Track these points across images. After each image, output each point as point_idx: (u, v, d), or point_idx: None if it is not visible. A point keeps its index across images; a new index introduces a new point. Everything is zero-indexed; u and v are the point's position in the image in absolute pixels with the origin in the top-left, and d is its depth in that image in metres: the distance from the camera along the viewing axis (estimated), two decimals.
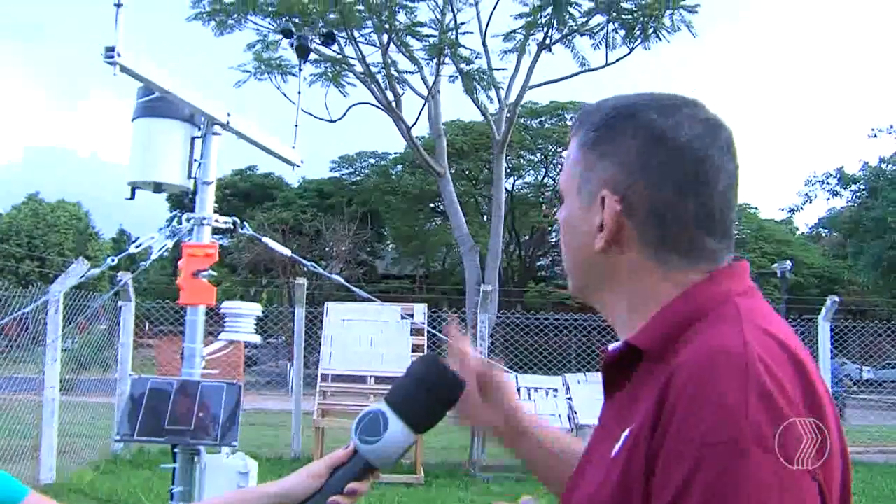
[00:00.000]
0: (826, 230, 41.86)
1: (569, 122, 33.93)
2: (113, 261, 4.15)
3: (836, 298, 12.29)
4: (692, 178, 1.12)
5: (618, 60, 23.56)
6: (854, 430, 14.71)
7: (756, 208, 43.53)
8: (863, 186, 32.96)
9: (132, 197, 3.91)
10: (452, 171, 28.77)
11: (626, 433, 1.05)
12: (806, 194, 34.07)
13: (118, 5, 2.91)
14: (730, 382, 0.94)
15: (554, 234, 38.03)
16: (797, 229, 44.33)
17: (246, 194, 41.84)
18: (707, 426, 0.93)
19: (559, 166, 31.83)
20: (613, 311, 1.21)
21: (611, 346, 1.22)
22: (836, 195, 34.02)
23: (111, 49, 2.90)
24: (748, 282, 1.15)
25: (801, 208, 34.74)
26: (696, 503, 0.91)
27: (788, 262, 31.48)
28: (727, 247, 1.16)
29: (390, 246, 44.98)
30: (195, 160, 3.88)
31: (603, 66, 23.85)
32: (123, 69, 2.96)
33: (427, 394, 1.35)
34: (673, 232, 1.12)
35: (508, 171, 35.83)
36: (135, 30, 2.98)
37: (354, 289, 6.11)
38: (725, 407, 0.93)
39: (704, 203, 1.12)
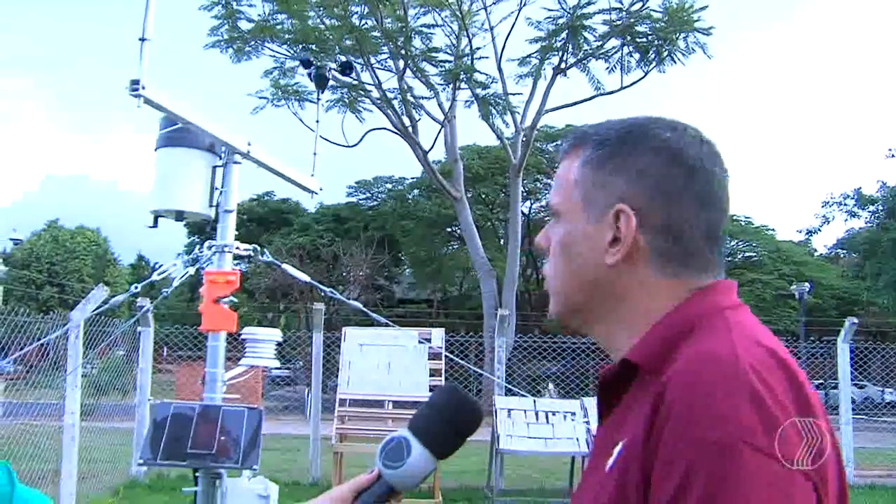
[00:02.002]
0: (844, 251, 41.63)
1: None
2: (136, 288, 4.22)
3: (855, 320, 12.22)
4: (704, 195, 1.18)
5: (633, 84, 23.64)
6: (877, 452, 14.57)
7: (773, 230, 43.37)
8: (881, 207, 32.83)
9: (155, 225, 3.98)
10: (469, 195, 28.84)
11: (618, 447, 1.09)
12: (823, 216, 34.00)
13: (143, 39, 2.99)
14: (720, 388, 0.97)
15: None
16: (815, 251, 44.08)
17: (263, 220, 42.05)
18: (699, 431, 0.96)
19: None
20: (612, 329, 1.23)
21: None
22: (853, 216, 33.92)
23: (136, 82, 2.98)
24: (736, 298, 1.19)
25: (819, 230, 34.66)
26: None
27: (807, 284, 31.36)
28: (722, 259, 1.21)
29: (407, 270, 44.99)
30: (216, 188, 3.95)
31: (618, 90, 23.94)
32: (147, 101, 3.03)
33: (447, 422, 1.41)
34: (684, 247, 1.17)
35: (525, 194, 35.86)
36: (155, 58, 3.06)
37: (372, 314, 6.16)
38: (717, 411, 0.96)
39: (712, 219, 1.18)
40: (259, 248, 4.17)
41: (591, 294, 1.23)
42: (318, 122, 4.99)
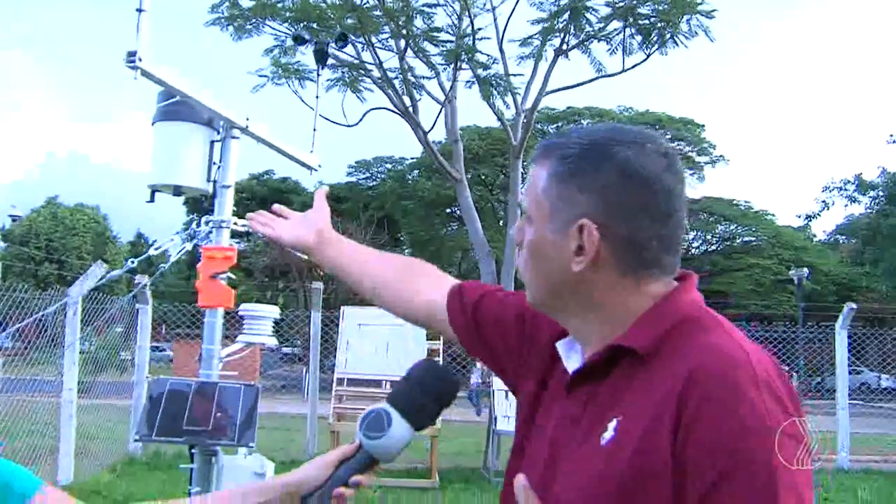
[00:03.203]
0: (844, 237, 41.72)
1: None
2: (133, 263, 4.18)
3: (854, 305, 12.21)
4: (661, 208, 1.26)
5: (634, 66, 23.52)
6: (873, 438, 14.61)
7: (773, 215, 43.42)
8: (881, 193, 32.81)
9: (152, 200, 3.94)
10: (469, 176, 28.77)
11: (613, 423, 1.19)
12: (823, 201, 33.96)
13: (140, 10, 2.95)
14: (748, 384, 1.10)
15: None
16: (814, 236, 44.18)
17: (263, 199, 41.90)
18: (739, 419, 1.08)
19: None
20: (580, 323, 1.34)
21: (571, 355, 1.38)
22: (854, 202, 33.90)
23: (132, 54, 2.93)
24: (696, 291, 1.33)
25: (819, 215, 34.62)
26: (739, 486, 1.06)
27: (806, 270, 31.41)
28: (678, 260, 1.32)
29: (406, 251, 45.04)
30: (214, 163, 3.91)
31: (620, 72, 23.84)
32: (144, 73, 2.99)
33: (426, 394, 1.48)
34: (644, 254, 1.26)
35: (525, 176, 35.75)
36: (155, 35, 3.01)
37: None
38: (749, 403, 1.09)
39: (669, 228, 1.27)
40: None
41: (562, 293, 1.32)
42: (317, 97, 4.94)
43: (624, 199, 1.25)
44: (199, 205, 4.37)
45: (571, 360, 1.36)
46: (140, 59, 2.94)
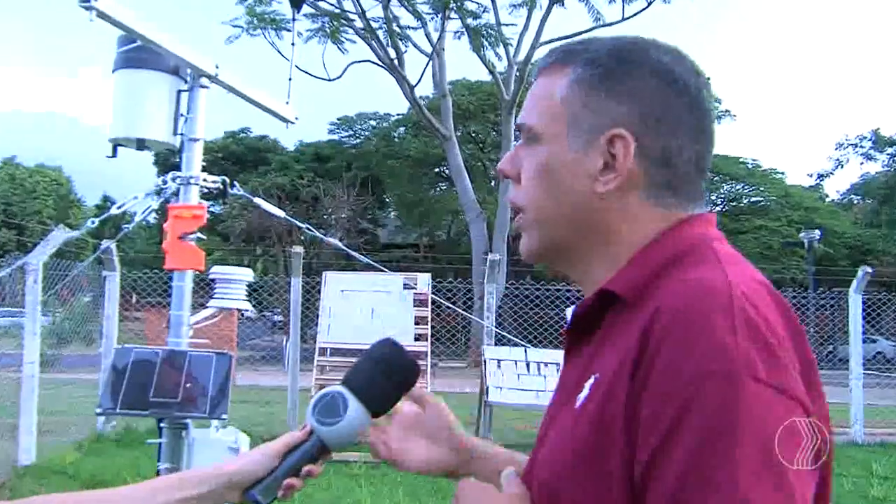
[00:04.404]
0: (858, 197, 41.75)
1: None
2: (94, 223, 4.13)
3: (869, 269, 12.21)
4: (700, 123, 1.18)
5: (635, 14, 23.41)
6: (889, 410, 14.69)
7: (782, 173, 43.33)
8: None
9: (114, 155, 3.88)
10: (458, 133, 28.71)
11: (590, 381, 1.08)
12: (837, 158, 34.05)
13: None
14: (717, 317, 0.96)
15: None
16: (827, 196, 44.19)
17: (238, 158, 41.72)
18: (696, 360, 0.94)
19: None
20: (592, 265, 1.22)
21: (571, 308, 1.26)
22: (870, 159, 33.98)
23: None
24: (717, 230, 1.20)
25: (832, 173, 34.78)
26: (690, 440, 0.92)
27: (817, 231, 31.46)
28: (706, 189, 1.23)
29: (392, 213, 44.97)
30: (181, 115, 3.85)
31: (619, 21, 23.72)
32: (101, 15, 2.92)
33: (386, 377, 1.41)
34: (678, 176, 1.17)
35: (518, 133, 35.66)
36: None
37: (355, 254, 6.11)
38: (715, 342, 0.94)
39: (704, 151, 1.19)
40: (229, 181, 4.09)
41: (576, 226, 1.21)
42: (293, 44, 4.90)
43: (661, 107, 1.15)
44: (173, 165, 4.33)
45: None
46: None
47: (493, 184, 37.10)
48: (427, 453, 1.49)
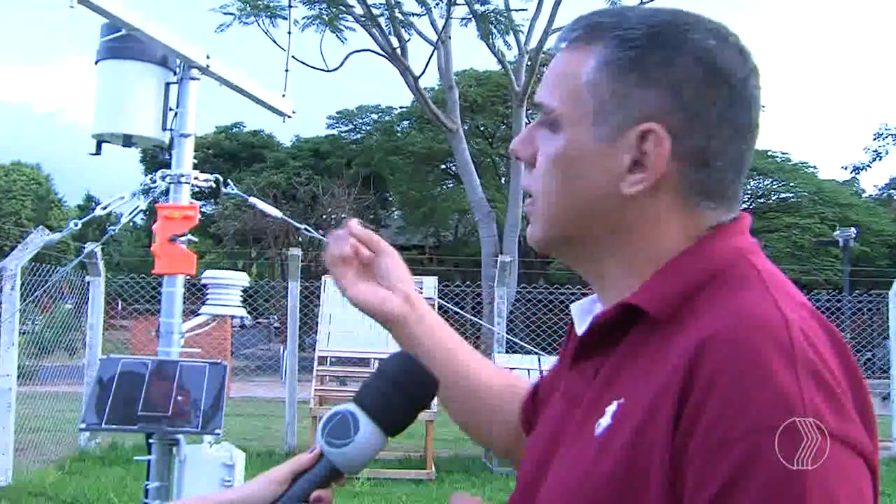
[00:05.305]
0: None
1: None
2: (77, 225, 4.13)
3: None
4: (743, 119, 1.11)
5: None
6: None
7: (814, 167, 43.09)
8: None
9: (98, 152, 3.89)
10: (466, 127, 28.69)
11: (612, 407, 1.04)
12: (875, 150, 33.86)
13: None
14: (777, 360, 0.92)
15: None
16: (864, 191, 44.00)
17: (232, 155, 41.73)
18: (759, 410, 0.90)
19: None
20: (608, 269, 1.17)
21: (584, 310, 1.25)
22: None
23: None
24: (751, 236, 1.14)
25: (869, 166, 34.60)
26: (756, 495, 0.89)
27: (853, 229, 31.34)
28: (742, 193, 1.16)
29: (396, 213, 44.95)
30: (170, 109, 3.86)
31: (638, 5, 23.67)
32: (82, 1, 2.92)
33: (400, 394, 1.37)
34: (716, 177, 1.10)
35: (530, 114, 35.72)
36: None
37: None
38: (779, 388, 0.91)
39: (744, 150, 1.12)
40: (222, 180, 4.09)
41: (592, 226, 1.15)
42: (289, 33, 4.90)
43: (702, 101, 1.08)
44: (160, 162, 4.33)
45: (584, 325, 1.20)
46: None
47: (502, 181, 37.07)
48: (376, 290, 1.55)
